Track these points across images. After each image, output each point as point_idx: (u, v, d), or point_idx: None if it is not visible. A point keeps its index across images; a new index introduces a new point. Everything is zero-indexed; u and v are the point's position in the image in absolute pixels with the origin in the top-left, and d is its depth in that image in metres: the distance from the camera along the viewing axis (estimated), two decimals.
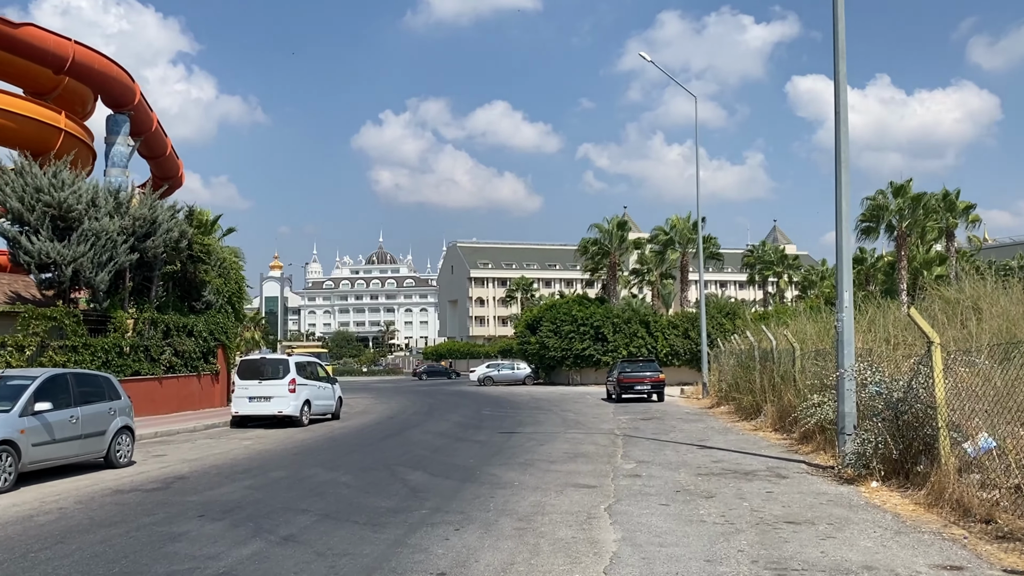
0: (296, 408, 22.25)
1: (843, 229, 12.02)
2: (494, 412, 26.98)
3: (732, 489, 10.48)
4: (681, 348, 49.38)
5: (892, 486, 10.17)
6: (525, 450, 15.26)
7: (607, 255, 56.80)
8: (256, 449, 16.50)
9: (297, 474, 12.61)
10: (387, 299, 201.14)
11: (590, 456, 14.23)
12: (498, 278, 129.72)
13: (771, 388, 19.45)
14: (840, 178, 12.03)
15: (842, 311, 12.00)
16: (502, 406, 30.27)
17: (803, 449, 14.43)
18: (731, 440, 16.70)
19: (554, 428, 20.32)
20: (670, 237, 54.63)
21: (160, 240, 24.82)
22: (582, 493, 10.29)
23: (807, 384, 16.15)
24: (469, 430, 20.26)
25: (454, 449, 15.77)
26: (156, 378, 25.14)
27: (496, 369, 56.75)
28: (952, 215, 52.57)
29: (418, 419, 24.82)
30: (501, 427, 20.87)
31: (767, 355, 21.14)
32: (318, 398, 23.72)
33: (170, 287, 27.31)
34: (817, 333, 19.86)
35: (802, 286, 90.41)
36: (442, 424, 22.47)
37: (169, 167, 32.42)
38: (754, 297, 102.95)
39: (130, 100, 26.70)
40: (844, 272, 12.04)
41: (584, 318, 50.36)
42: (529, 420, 23.07)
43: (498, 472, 12.25)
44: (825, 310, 22.79)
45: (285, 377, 22.32)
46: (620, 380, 30.97)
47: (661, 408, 27.53)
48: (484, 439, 17.73)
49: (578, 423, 21.88)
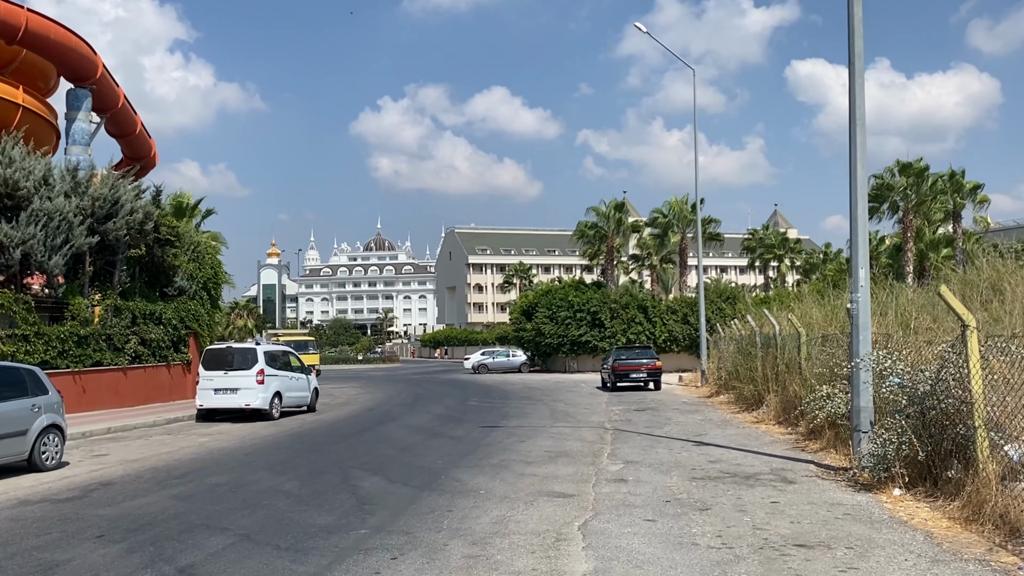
0: (265, 401, 20.80)
1: (858, 196, 10.48)
2: (481, 403, 25.51)
3: (731, 498, 8.99)
4: (680, 334, 47.90)
5: (918, 495, 8.68)
6: (503, 448, 13.78)
7: (605, 239, 55.22)
8: (210, 447, 15.03)
9: (239, 480, 11.13)
10: (385, 286, 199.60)
11: (573, 455, 12.75)
12: (496, 264, 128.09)
13: (774, 377, 17.95)
14: (855, 139, 10.47)
15: (857, 291, 10.47)
16: (491, 396, 28.80)
17: (811, 446, 12.94)
18: (730, 435, 15.21)
19: (540, 421, 18.84)
20: (669, 220, 53.01)
21: (122, 222, 23.28)
22: (555, 505, 8.80)
23: (814, 373, 14.64)
24: (449, 424, 18.79)
25: (425, 447, 14.30)
26: (120, 369, 23.64)
27: (491, 356, 55.26)
28: (959, 195, 50.91)
29: (399, 411, 23.35)
30: (484, 420, 19.40)
31: (769, 341, 19.62)
32: (290, 390, 22.25)
33: (136, 272, 25.75)
34: (824, 317, 18.32)
35: (804, 270, 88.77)
36: (422, 417, 21.01)
37: (140, 146, 30.82)
38: (755, 282, 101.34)
39: (91, 73, 25.09)
40: (860, 245, 10.50)
41: (581, 303, 48.86)
42: (515, 412, 21.60)
43: (465, 477, 10.77)
44: (832, 293, 21.23)
45: (253, 368, 20.85)
46: (615, 368, 29.49)
47: (657, 397, 26.06)
48: (462, 435, 16.25)
49: (567, 415, 20.40)
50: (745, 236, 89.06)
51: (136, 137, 29.82)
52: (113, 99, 26.71)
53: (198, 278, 29.64)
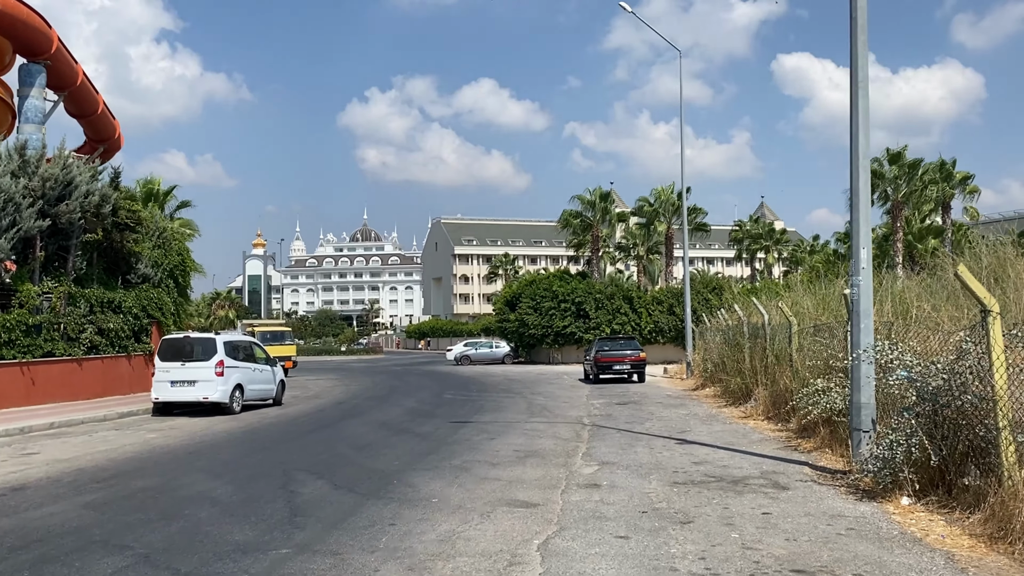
0: (224, 394, 19.58)
1: (859, 168, 9.36)
2: (457, 396, 24.37)
3: (717, 508, 7.89)
4: (666, 325, 46.89)
5: (931, 505, 7.60)
6: (469, 447, 12.64)
7: (590, 228, 54.07)
8: (154, 445, 13.83)
9: (169, 483, 9.95)
10: (371, 277, 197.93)
11: (545, 455, 11.62)
12: (483, 255, 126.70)
13: (763, 369, 16.89)
14: (856, 102, 9.35)
15: (858, 274, 9.37)
16: (469, 388, 27.66)
17: (804, 445, 11.87)
18: (717, 432, 14.13)
19: (515, 416, 17.71)
20: (655, 209, 51.89)
21: (76, 204, 21.96)
22: (516, 517, 7.66)
23: (807, 366, 13.59)
24: (418, 419, 17.64)
25: (385, 446, 13.14)
26: (74, 360, 22.34)
27: (473, 348, 54.13)
28: (949, 185, 50.10)
29: (369, 405, 22.18)
30: (456, 415, 18.26)
31: (758, 331, 18.57)
32: (253, 382, 21.03)
33: (94, 258, 24.45)
34: (815, 306, 17.29)
35: (790, 262, 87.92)
36: (392, 411, 19.84)
37: (103, 127, 29.39)
38: (741, 274, 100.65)
39: (46, 48, 23.68)
40: (861, 223, 9.39)
41: (565, 294, 47.78)
42: (491, 406, 20.47)
43: (420, 481, 9.62)
44: (823, 282, 20.18)
45: (211, 359, 19.60)
46: (597, 360, 28.40)
47: (640, 390, 24.98)
48: (428, 431, 15.10)
49: (544, 409, 19.28)
50: (732, 227, 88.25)
51: (98, 117, 28.37)
52: (71, 76, 25.29)
53: (164, 265, 28.36)
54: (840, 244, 77.36)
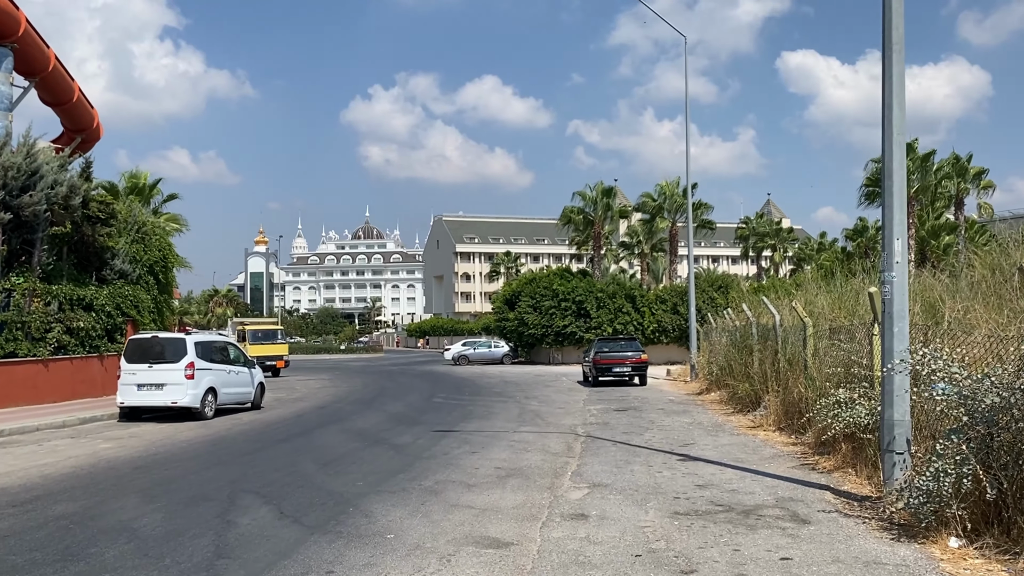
0: (195, 398, 18.30)
1: (893, 142, 8.01)
2: (447, 400, 23.05)
3: (726, 550, 6.54)
4: (670, 324, 45.51)
5: (987, 549, 6.24)
6: (446, 462, 11.30)
7: (592, 225, 52.67)
8: (101, 458, 12.52)
9: (93, 509, 8.63)
10: (373, 275, 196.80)
11: (529, 474, 10.28)
12: (485, 253, 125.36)
13: (774, 375, 15.52)
14: (890, 66, 7.99)
15: (891, 268, 8.01)
16: (461, 391, 26.35)
17: (823, 463, 10.51)
18: (723, 445, 12.78)
19: (504, 424, 16.38)
20: (659, 204, 50.43)
21: (41, 196, 20.68)
22: (481, 562, 6.32)
23: (824, 373, 12.22)
24: (399, 427, 16.32)
25: (355, 460, 11.81)
26: (39, 360, 21.06)
27: (472, 347, 52.79)
28: (963, 180, 48.66)
29: (352, 409, 20.88)
30: (441, 422, 16.93)
31: (768, 333, 17.20)
32: (228, 385, 19.74)
33: (64, 253, 23.16)
34: (831, 305, 15.89)
35: (797, 260, 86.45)
36: (374, 417, 18.54)
37: (80, 116, 28.10)
38: (747, 272, 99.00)
39: (12, 30, 22.38)
40: (895, 208, 8.04)
41: (566, 292, 46.43)
42: (480, 412, 19.14)
43: (380, 509, 8.29)
44: (838, 278, 18.75)
45: (181, 360, 18.32)
46: (596, 361, 27.05)
47: (642, 394, 23.63)
48: (406, 442, 13.78)
49: (537, 416, 17.94)
50: (738, 225, 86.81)
51: (74, 106, 27.08)
52: (41, 61, 24.00)
53: (143, 261, 27.10)
54: (848, 242, 75.84)
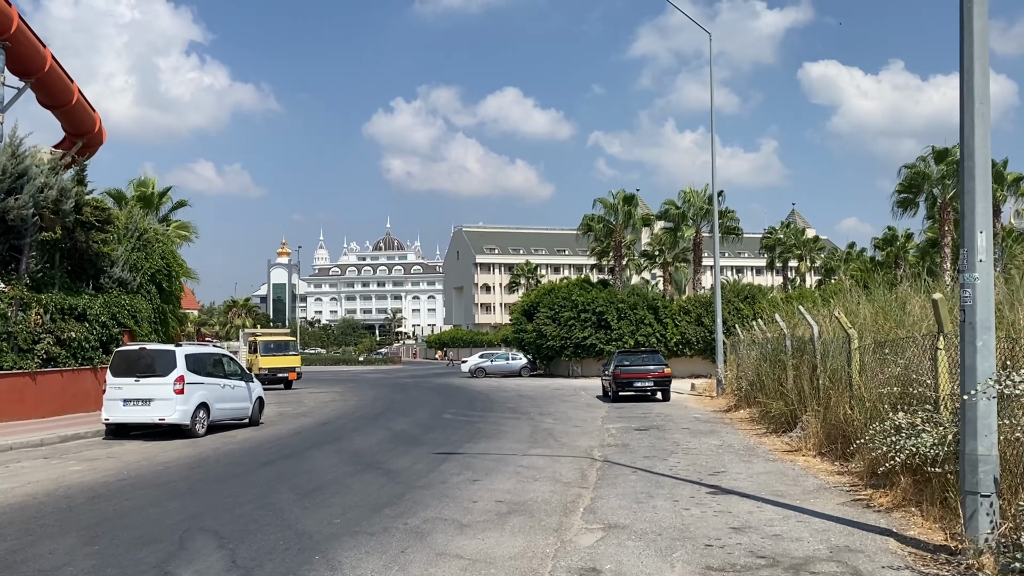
0: (185, 414, 17.06)
1: (975, 112, 6.53)
2: (456, 416, 21.66)
3: None
4: (694, 336, 43.87)
5: None
6: (441, 493, 9.90)
7: (612, 233, 51.14)
8: (62, 484, 11.25)
9: (15, 554, 7.32)
10: (394, 286, 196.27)
11: (534, 511, 8.85)
12: (505, 264, 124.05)
13: (813, 393, 13.98)
14: (971, 19, 6.54)
15: (973, 268, 6.53)
16: (473, 406, 24.95)
17: (878, 500, 8.99)
18: (759, 474, 11.26)
19: (513, 445, 14.94)
20: (682, 212, 48.77)
21: (29, 198, 19.62)
22: None
23: (875, 393, 10.71)
24: (399, 447, 14.94)
25: (340, 490, 10.43)
26: (26, 373, 19.96)
27: (489, 359, 51.38)
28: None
29: (355, 425, 19.56)
30: (445, 443, 15.53)
31: (804, 346, 15.68)
32: (222, 400, 18.50)
33: (56, 260, 22.08)
34: (873, 316, 14.34)
35: (824, 271, 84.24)
36: (375, 436, 17.18)
37: (80, 120, 27.14)
38: (772, 283, 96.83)
39: (4, 27, 21.43)
40: (978, 194, 6.55)
41: (585, 303, 44.95)
42: (490, 430, 17.72)
43: (349, 557, 6.90)
44: (878, 286, 17.12)
45: (170, 373, 17.12)
46: (616, 375, 25.54)
47: (664, 411, 22.09)
48: (403, 466, 12.39)
49: (550, 436, 16.49)
50: (763, 235, 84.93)
51: (73, 108, 26.12)
52: (36, 61, 23.05)
53: (144, 269, 26.03)
54: (878, 251, 73.78)
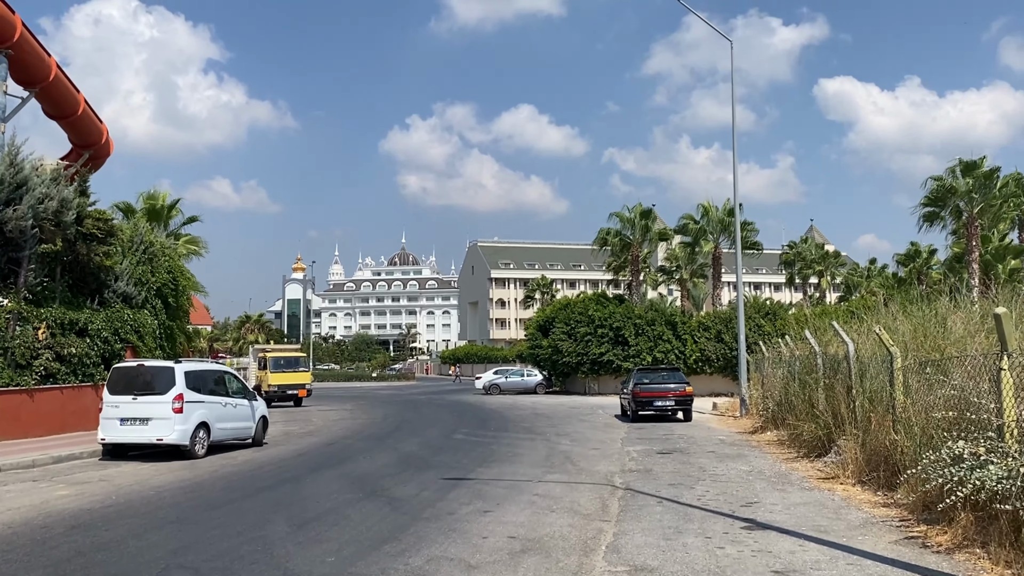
0: (183, 434, 16.30)
1: None
2: (469, 436, 20.77)
3: None
4: (713, 353, 42.79)
5: None
6: (448, 527, 9.01)
7: (629, 248, 50.22)
8: (45, 510, 10.47)
9: None
10: (409, 301, 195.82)
11: (551, 548, 7.95)
12: (520, 279, 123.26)
13: (851, 415, 13.00)
14: None
15: None
16: (486, 425, 24.05)
17: (935, 537, 8.03)
18: (796, 505, 10.30)
19: (528, 470, 14.03)
20: (701, 226, 47.77)
21: (27, 209, 19.00)
22: None
23: (925, 416, 9.75)
24: (407, 471, 14.07)
25: (337, 521, 9.57)
26: (24, 391, 19.28)
27: (504, 376, 50.45)
28: None
29: (362, 447, 18.72)
30: (456, 466, 14.65)
31: (838, 364, 14.70)
32: (224, 420, 17.72)
33: (57, 273, 21.45)
34: (912, 332, 13.39)
35: (845, 287, 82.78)
36: (382, 458, 16.32)
37: (87, 131, 26.63)
38: (791, 300, 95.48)
39: (7, 36, 20.91)
40: None
41: (602, 319, 44.01)
42: (504, 453, 16.81)
43: None
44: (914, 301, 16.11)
45: (169, 392, 16.37)
46: (636, 394, 24.58)
47: (687, 432, 21.10)
48: (408, 494, 11.51)
49: (568, 459, 15.56)
50: (782, 250, 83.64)
51: (79, 119, 25.61)
52: (41, 69, 22.55)
53: (149, 284, 25.38)
54: (900, 267, 72.34)
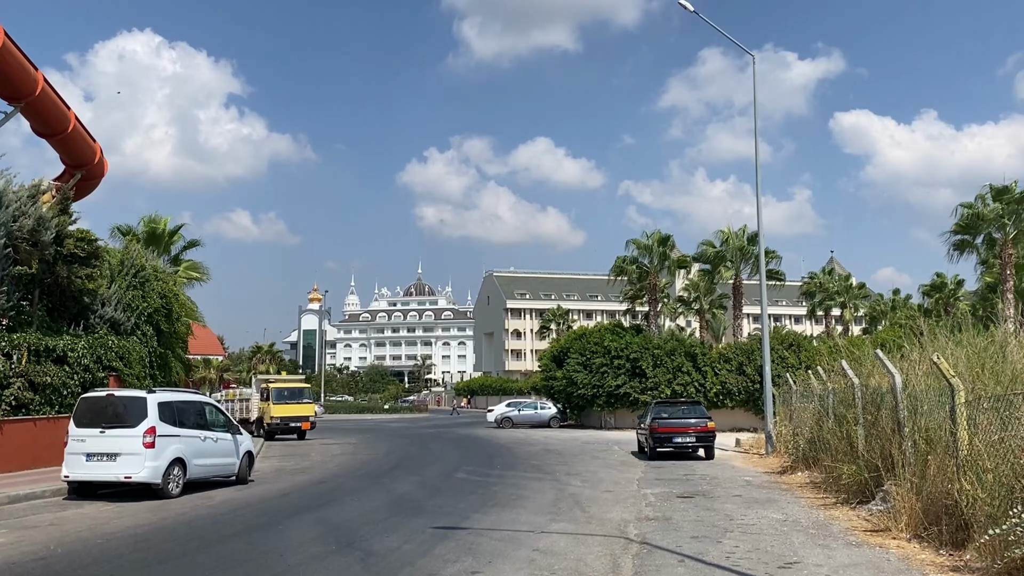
0: (155, 472, 14.84)
1: None
2: (472, 475, 19.13)
3: None
4: (735, 386, 40.90)
5: None
6: None
7: (647, 276, 48.60)
8: None
9: None
10: (424, 332, 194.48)
11: None
12: (536, 309, 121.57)
13: (901, 456, 11.30)
14: None
15: None
16: (492, 463, 22.40)
17: None
18: (844, 566, 8.62)
19: (532, 516, 12.39)
20: (720, 252, 46.16)
21: (0, 229, 17.76)
22: None
23: (1000, 463, 8.10)
24: (393, 518, 12.48)
25: None
26: None
27: (516, 409, 48.67)
28: None
29: (353, 486, 17.15)
30: (451, 512, 13.04)
31: (882, 399, 13.04)
32: (203, 456, 16.23)
33: (36, 297, 20.18)
34: (967, 362, 11.74)
35: (869, 319, 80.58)
36: (371, 501, 14.74)
37: (78, 150, 25.50)
38: (811, 332, 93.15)
39: None
40: None
41: (619, 349, 42.24)
42: (507, 495, 15.17)
43: None
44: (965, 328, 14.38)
45: (140, 424, 14.93)
46: (654, 429, 22.85)
47: (710, 471, 19.35)
48: (388, 547, 9.92)
49: (577, 504, 13.90)
50: (803, 281, 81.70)
51: (70, 137, 24.48)
52: (26, 83, 21.43)
53: (140, 309, 24.09)
54: (926, 298, 70.14)
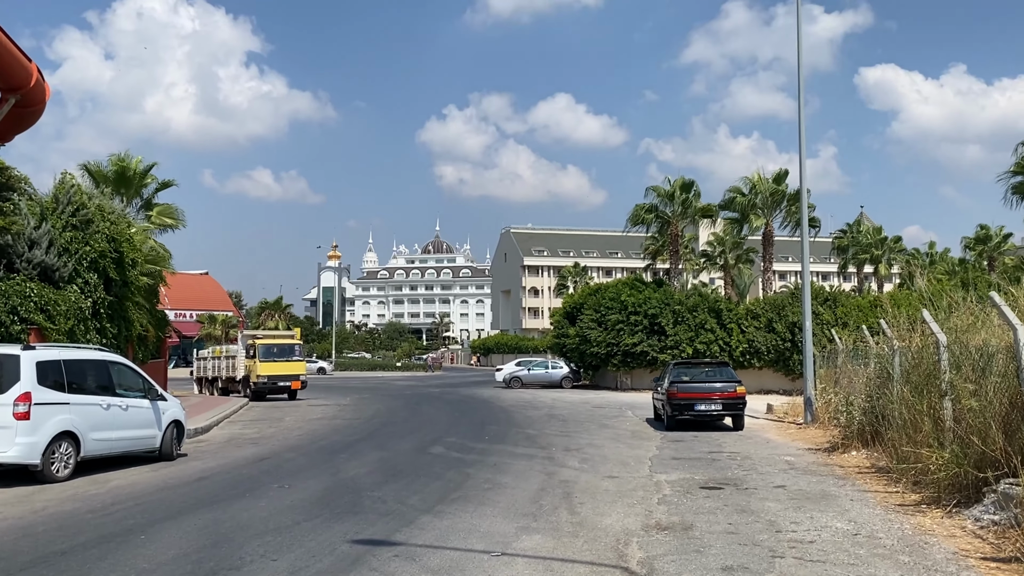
0: (31, 449, 11.67)
1: None
2: (449, 450, 15.81)
3: None
4: (763, 345, 37.28)
5: None
6: None
7: (668, 225, 44.79)
8: None
9: None
10: (442, 289, 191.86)
11: None
12: (553, 266, 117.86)
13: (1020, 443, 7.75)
14: None
15: None
16: (482, 434, 19.09)
17: None
18: None
19: (500, 521, 9.00)
20: (749, 199, 42.14)
21: None
22: None
23: None
24: (313, 520, 9.16)
25: None
26: None
27: (526, 368, 45.44)
28: None
29: (299, 464, 13.91)
30: (394, 510, 9.70)
31: (987, 363, 9.45)
32: (106, 427, 13.02)
33: None
34: None
35: (908, 274, 76.13)
36: (304, 489, 11.45)
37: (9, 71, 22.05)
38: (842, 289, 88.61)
39: None
40: None
41: (636, 305, 38.69)
42: (479, 482, 11.79)
43: None
44: None
45: (9, 390, 11.69)
46: (673, 394, 19.34)
47: (740, 447, 15.85)
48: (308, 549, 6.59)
49: (567, 498, 10.47)
50: (834, 236, 77.23)
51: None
52: None
53: (81, 253, 20.85)
54: (968, 252, 65.76)
